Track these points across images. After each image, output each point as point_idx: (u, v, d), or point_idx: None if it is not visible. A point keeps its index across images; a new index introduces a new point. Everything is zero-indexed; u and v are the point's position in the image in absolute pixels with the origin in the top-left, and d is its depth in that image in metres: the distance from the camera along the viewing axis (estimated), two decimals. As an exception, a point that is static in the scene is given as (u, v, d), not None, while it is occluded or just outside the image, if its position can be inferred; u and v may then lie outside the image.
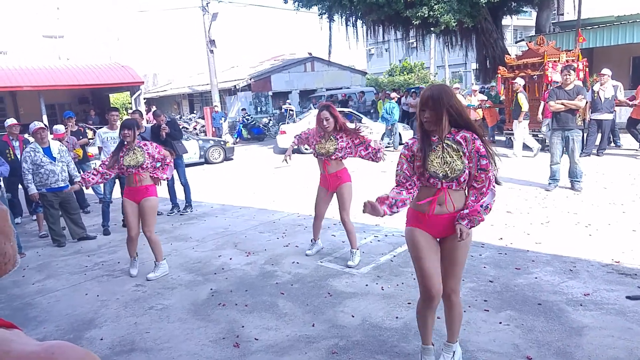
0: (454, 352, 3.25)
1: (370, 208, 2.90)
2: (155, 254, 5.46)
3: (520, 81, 11.77)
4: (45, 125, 7.85)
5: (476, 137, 2.90)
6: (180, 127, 10.98)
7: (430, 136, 2.94)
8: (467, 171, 2.89)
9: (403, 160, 3.05)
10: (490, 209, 2.94)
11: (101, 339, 4.05)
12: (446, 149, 2.89)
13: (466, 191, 3.00)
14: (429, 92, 2.89)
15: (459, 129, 2.92)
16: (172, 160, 5.52)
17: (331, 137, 5.09)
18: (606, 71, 11.00)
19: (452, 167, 2.87)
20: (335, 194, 5.38)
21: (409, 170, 3.01)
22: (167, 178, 5.56)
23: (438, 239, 3.08)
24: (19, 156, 7.78)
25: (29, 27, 29.60)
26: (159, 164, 5.38)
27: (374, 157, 5.09)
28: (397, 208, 2.95)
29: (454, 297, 3.12)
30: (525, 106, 11.43)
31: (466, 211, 2.91)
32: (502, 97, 14.15)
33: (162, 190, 8.71)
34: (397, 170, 3.07)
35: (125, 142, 5.35)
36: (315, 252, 5.78)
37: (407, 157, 3.04)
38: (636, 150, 11.29)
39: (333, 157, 5.10)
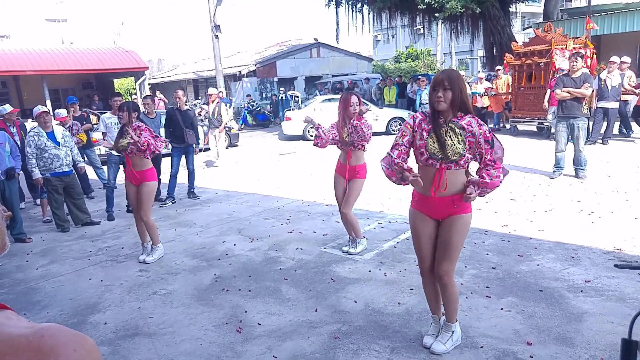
0: (453, 332, 3.31)
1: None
2: (152, 238, 5.55)
3: (214, 90, 12.27)
4: (49, 110, 7.84)
5: (482, 123, 3.01)
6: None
7: (438, 117, 3.02)
8: (467, 155, 2.96)
9: (407, 131, 3.10)
10: (499, 184, 2.99)
11: (105, 324, 4.08)
12: (449, 132, 2.97)
13: (470, 173, 3.08)
14: (445, 73, 2.97)
15: (464, 115, 3.02)
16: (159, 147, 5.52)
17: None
18: (626, 59, 10.97)
19: (452, 150, 2.94)
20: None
21: (408, 143, 3.09)
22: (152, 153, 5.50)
23: (440, 220, 3.15)
24: (17, 142, 7.78)
25: (32, 11, 29.52)
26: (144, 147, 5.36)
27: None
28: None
29: (446, 279, 3.17)
30: (225, 118, 11.76)
31: (476, 179, 2.99)
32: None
33: (166, 177, 8.78)
34: (397, 138, 3.11)
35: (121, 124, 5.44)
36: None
37: (411, 130, 3.10)
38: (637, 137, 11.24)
39: (355, 145, 4.95)
